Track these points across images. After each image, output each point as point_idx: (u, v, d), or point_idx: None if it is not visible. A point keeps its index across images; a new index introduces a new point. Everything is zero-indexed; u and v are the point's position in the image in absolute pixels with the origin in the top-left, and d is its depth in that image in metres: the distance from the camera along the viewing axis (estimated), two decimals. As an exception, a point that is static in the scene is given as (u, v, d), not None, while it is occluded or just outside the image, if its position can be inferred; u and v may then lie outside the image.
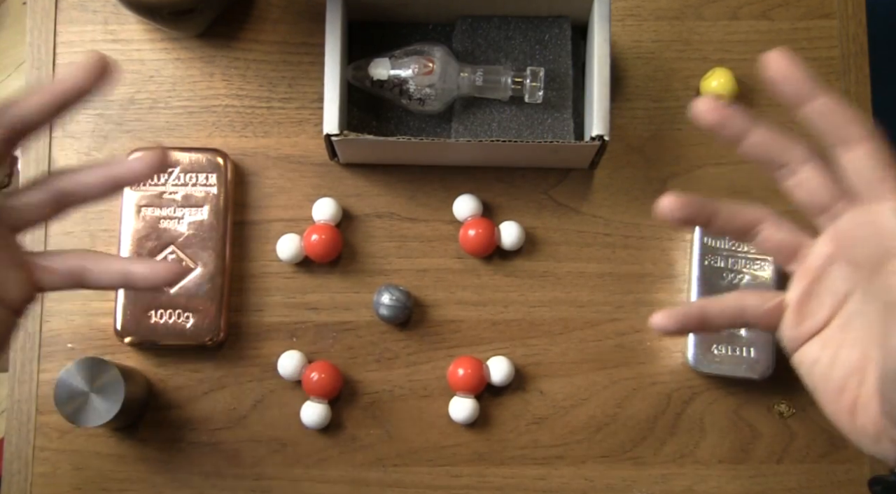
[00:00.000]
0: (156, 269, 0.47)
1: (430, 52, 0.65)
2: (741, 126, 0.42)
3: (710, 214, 0.44)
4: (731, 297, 0.46)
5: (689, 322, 0.46)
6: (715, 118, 0.42)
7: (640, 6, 0.72)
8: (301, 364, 0.66)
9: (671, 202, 0.43)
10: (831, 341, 0.44)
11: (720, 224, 0.45)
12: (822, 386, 0.44)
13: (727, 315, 0.46)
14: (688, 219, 0.44)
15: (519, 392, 0.67)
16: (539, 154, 0.66)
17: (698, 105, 0.42)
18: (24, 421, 0.66)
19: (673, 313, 0.46)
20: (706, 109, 0.42)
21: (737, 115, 0.42)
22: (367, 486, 0.66)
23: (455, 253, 0.69)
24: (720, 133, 0.43)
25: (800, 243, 0.45)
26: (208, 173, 0.67)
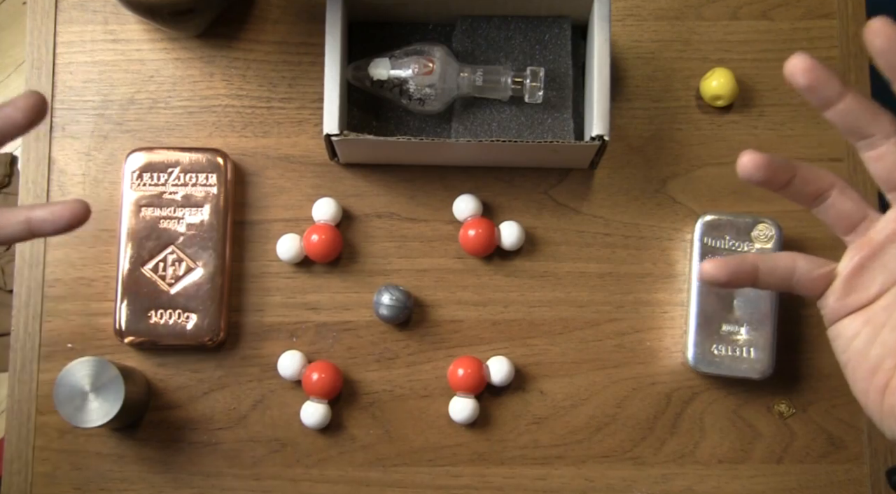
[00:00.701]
0: (56, 211, 0.46)
1: (430, 52, 0.65)
2: (833, 91, 0.41)
3: (789, 176, 0.43)
4: (784, 257, 0.45)
5: (740, 275, 0.45)
6: (808, 80, 0.41)
7: (640, 6, 0.72)
8: (301, 364, 0.66)
9: (752, 160, 0.42)
10: (875, 319, 0.43)
11: (796, 186, 0.44)
12: (855, 363, 0.44)
13: (777, 274, 0.45)
14: (767, 179, 0.43)
15: (519, 392, 0.67)
16: (539, 154, 0.66)
17: (792, 63, 0.41)
18: (24, 421, 0.66)
19: (724, 262, 0.45)
20: (801, 69, 0.41)
21: (831, 80, 0.41)
22: (367, 486, 0.66)
23: (455, 253, 0.69)
24: (810, 96, 0.42)
25: (864, 215, 0.44)
26: (208, 173, 0.67)
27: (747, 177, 0.43)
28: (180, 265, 0.66)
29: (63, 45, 0.70)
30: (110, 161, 0.69)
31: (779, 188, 0.44)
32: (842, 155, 0.70)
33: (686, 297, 0.68)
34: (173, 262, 0.66)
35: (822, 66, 0.41)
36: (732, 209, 0.69)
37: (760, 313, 0.65)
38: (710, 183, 0.70)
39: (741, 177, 0.43)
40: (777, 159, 0.43)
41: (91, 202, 0.68)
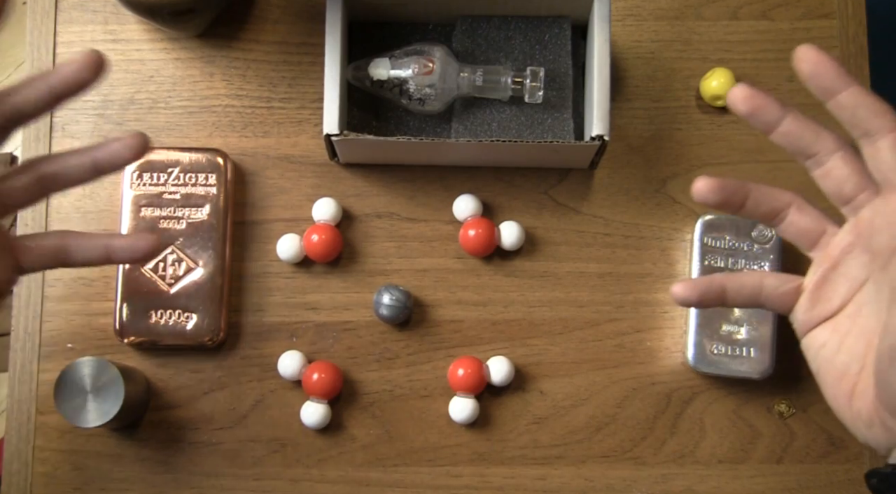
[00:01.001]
0: (136, 243, 0.48)
1: (430, 52, 0.65)
2: (774, 115, 0.44)
3: (743, 198, 0.45)
4: (751, 276, 0.47)
5: (708, 295, 0.47)
6: (749, 107, 0.44)
7: (640, 6, 0.72)
8: (301, 364, 0.66)
9: (706, 185, 0.44)
10: (840, 327, 0.45)
11: (750, 207, 0.45)
12: (824, 370, 0.45)
13: (745, 293, 0.47)
14: (721, 202, 0.45)
15: (519, 392, 0.67)
16: (539, 154, 0.66)
17: (734, 93, 0.44)
18: (24, 421, 0.66)
19: (693, 284, 0.47)
20: (741, 98, 0.43)
21: (770, 104, 0.44)
22: (367, 486, 0.66)
23: (455, 253, 0.69)
24: (753, 121, 0.44)
25: (823, 230, 0.45)
26: (208, 173, 0.67)
27: (702, 200, 0.45)
28: (180, 265, 0.66)
29: (63, 45, 0.70)
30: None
31: (734, 210, 0.46)
32: (842, 155, 0.70)
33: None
34: (173, 262, 0.66)
35: (760, 93, 0.44)
36: (732, 209, 0.69)
37: (760, 313, 0.65)
38: (710, 183, 0.70)
39: (696, 199, 0.45)
40: (730, 182, 0.45)
41: (91, 202, 0.68)
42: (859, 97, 0.42)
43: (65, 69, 0.45)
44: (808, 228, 0.46)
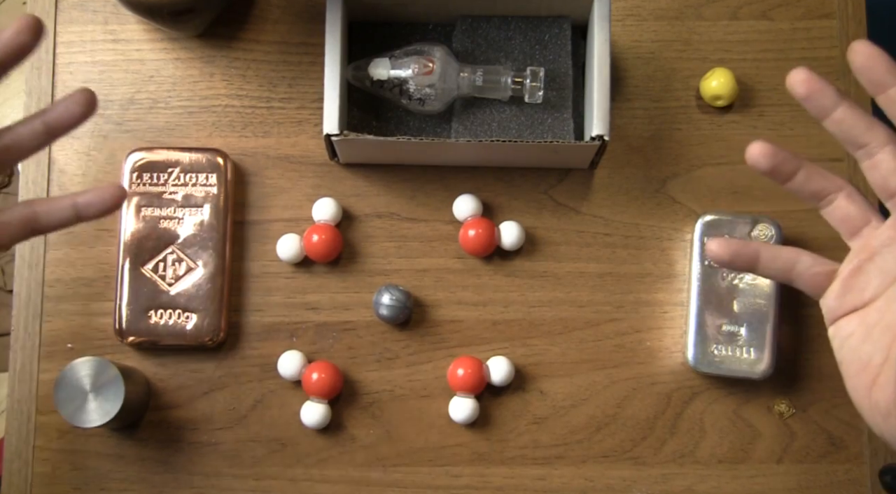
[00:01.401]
0: (102, 195, 0.49)
1: (430, 52, 0.65)
2: (829, 101, 0.44)
3: (794, 169, 0.45)
4: (788, 251, 0.47)
5: (742, 256, 0.47)
6: (806, 89, 0.44)
7: (640, 6, 0.72)
8: (301, 364, 0.66)
9: (760, 149, 0.45)
10: (868, 319, 0.45)
11: (800, 181, 0.46)
12: (848, 360, 0.46)
13: (778, 265, 0.47)
14: (772, 168, 0.45)
15: (519, 392, 0.67)
16: (539, 154, 0.66)
17: (793, 76, 0.44)
18: (24, 421, 0.66)
19: (728, 243, 0.47)
20: (799, 80, 0.43)
21: (827, 90, 0.44)
22: (367, 486, 0.66)
23: (455, 253, 0.69)
24: (808, 105, 0.44)
25: (868, 221, 0.46)
26: (208, 173, 0.67)
27: (753, 163, 0.45)
28: (180, 265, 0.66)
29: (63, 45, 0.70)
30: (110, 161, 0.69)
31: (783, 180, 0.46)
32: (842, 155, 0.70)
33: (686, 297, 0.68)
34: (173, 262, 0.66)
35: (819, 78, 0.44)
36: (732, 209, 0.69)
37: (760, 313, 0.65)
38: (710, 183, 0.70)
39: (749, 162, 0.45)
40: (785, 152, 0.45)
41: (91, 202, 0.68)
42: (853, 113, 0.44)
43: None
44: (854, 216, 0.46)
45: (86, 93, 0.48)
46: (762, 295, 0.65)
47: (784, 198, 0.70)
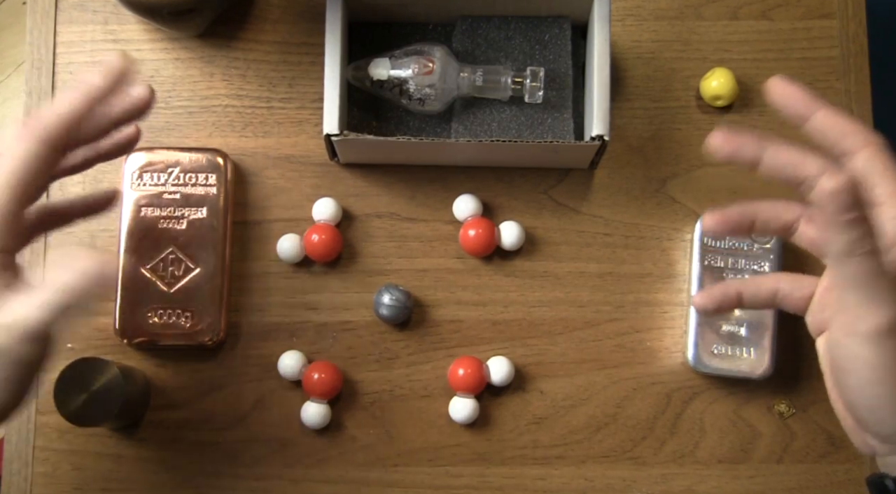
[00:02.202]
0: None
1: (430, 52, 0.65)
2: (754, 151, 0.44)
3: (750, 222, 0.47)
4: (767, 281, 0.49)
5: (727, 302, 0.49)
6: (728, 150, 0.44)
7: (640, 6, 0.72)
8: (301, 364, 0.66)
9: (712, 220, 0.46)
10: None
11: (760, 228, 0.47)
12: (827, 372, 0.47)
13: (761, 298, 0.49)
14: (730, 232, 0.47)
15: (519, 392, 0.67)
16: (539, 154, 0.66)
17: (711, 140, 0.44)
18: (24, 421, 0.66)
19: (712, 294, 0.49)
20: (718, 143, 0.44)
21: (747, 141, 0.44)
22: (367, 486, 0.66)
23: (455, 253, 0.69)
24: (737, 162, 0.45)
25: None
26: (208, 173, 0.67)
27: (713, 235, 0.51)
28: (180, 265, 0.66)
29: (63, 45, 0.70)
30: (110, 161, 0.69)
31: (745, 234, 0.50)
32: (842, 155, 0.70)
33: (686, 297, 0.68)
34: (173, 262, 0.66)
35: (735, 134, 0.45)
36: (732, 209, 0.69)
37: (760, 313, 0.65)
38: (710, 183, 0.70)
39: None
40: (735, 212, 0.47)
41: (91, 202, 0.68)
42: (829, 119, 0.45)
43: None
44: (819, 238, 0.47)
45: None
46: (762, 295, 0.65)
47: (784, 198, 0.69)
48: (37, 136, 0.48)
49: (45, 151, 0.48)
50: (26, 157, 0.47)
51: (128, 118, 0.53)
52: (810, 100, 0.45)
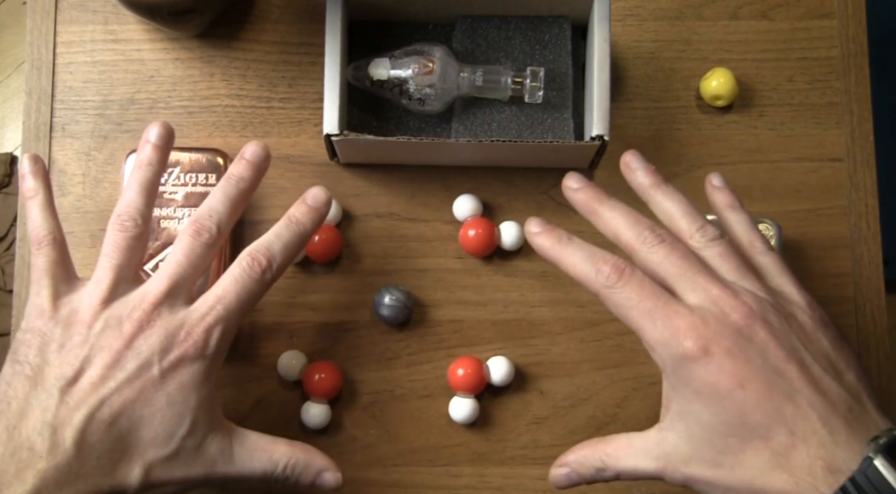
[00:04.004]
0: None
1: (430, 52, 0.65)
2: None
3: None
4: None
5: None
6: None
7: (640, 6, 0.72)
8: (301, 364, 0.66)
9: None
10: None
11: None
12: None
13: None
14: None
15: (519, 392, 0.67)
16: (539, 154, 0.66)
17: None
18: (24, 421, 0.66)
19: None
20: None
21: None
22: (367, 486, 0.66)
23: (455, 253, 0.69)
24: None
25: None
26: (208, 173, 0.67)
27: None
28: (180, 265, 0.66)
29: (63, 45, 0.70)
30: (110, 161, 0.69)
31: None
32: (842, 155, 0.70)
33: (686, 297, 0.68)
34: (173, 262, 0.66)
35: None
36: (732, 209, 0.69)
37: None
38: (710, 183, 0.70)
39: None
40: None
41: (91, 202, 0.68)
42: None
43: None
44: None
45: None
46: (762, 295, 0.65)
47: (784, 198, 0.70)
48: (273, 280, 0.56)
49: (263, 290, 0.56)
50: (260, 294, 0.56)
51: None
52: (556, 246, 0.56)
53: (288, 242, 0.56)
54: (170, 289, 0.53)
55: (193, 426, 0.51)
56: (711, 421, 0.47)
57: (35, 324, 0.52)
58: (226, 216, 0.56)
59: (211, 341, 0.52)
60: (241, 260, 0.55)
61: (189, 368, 0.51)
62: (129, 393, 0.49)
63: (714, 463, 0.47)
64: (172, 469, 0.50)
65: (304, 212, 0.57)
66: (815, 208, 0.70)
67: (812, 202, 0.70)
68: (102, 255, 0.55)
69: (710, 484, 0.48)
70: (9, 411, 0.49)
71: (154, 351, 0.50)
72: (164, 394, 0.50)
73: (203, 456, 0.52)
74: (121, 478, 0.49)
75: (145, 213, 0.56)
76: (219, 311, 0.53)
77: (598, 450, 0.52)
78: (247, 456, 0.54)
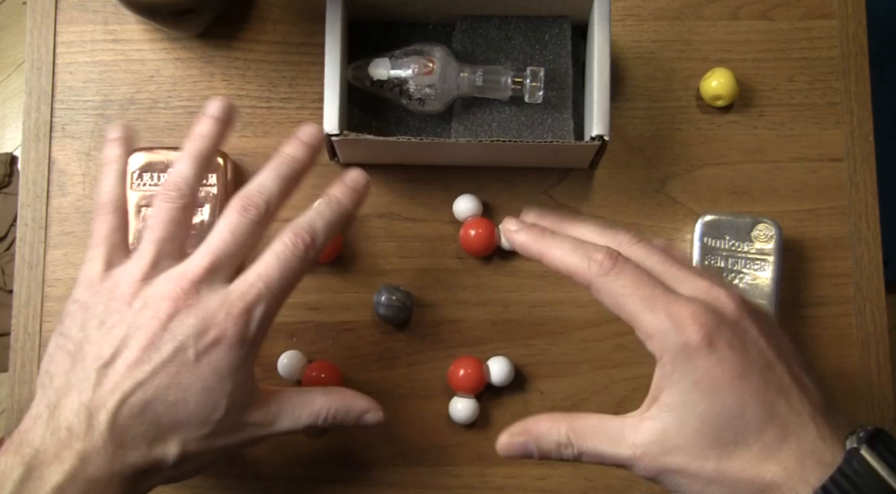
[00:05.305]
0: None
1: (430, 52, 0.65)
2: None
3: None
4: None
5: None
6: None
7: (640, 6, 0.72)
8: (301, 364, 0.66)
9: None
10: None
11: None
12: None
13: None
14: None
15: (519, 392, 0.67)
16: (539, 154, 0.66)
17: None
18: (24, 421, 0.66)
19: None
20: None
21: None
22: (367, 486, 0.66)
23: (455, 253, 0.69)
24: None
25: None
26: (208, 173, 0.67)
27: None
28: (180, 265, 0.66)
29: (63, 45, 0.70)
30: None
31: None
32: (842, 155, 0.70)
33: (686, 297, 0.68)
34: (173, 262, 0.66)
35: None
36: (732, 209, 0.69)
37: (760, 313, 0.65)
38: (710, 183, 0.70)
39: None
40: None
41: (91, 202, 0.68)
42: (558, 257, 0.52)
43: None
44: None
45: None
46: (762, 295, 0.65)
47: (784, 197, 0.70)
48: (314, 258, 0.53)
49: (306, 268, 0.53)
50: (302, 274, 0.53)
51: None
52: (533, 243, 0.52)
53: (330, 221, 0.53)
54: (211, 266, 0.51)
55: (230, 408, 0.50)
56: (707, 413, 0.47)
57: (82, 296, 0.52)
58: (276, 194, 0.53)
59: (251, 322, 0.50)
60: (283, 237, 0.52)
61: (226, 352, 0.49)
62: (164, 378, 0.48)
63: (701, 456, 0.46)
64: (211, 442, 0.50)
65: (345, 192, 0.55)
66: (815, 208, 0.70)
67: (812, 202, 0.70)
68: (146, 228, 0.53)
69: (689, 476, 0.46)
70: (50, 387, 0.50)
71: (189, 334, 0.49)
72: (199, 379, 0.49)
73: (242, 428, 0.52)
74: (158, 454, 0.49)
75: (193, 185, 0.53)
76: (260, 289, 0.50)
77: (565, 424, 0.49)
78: (287, 416, 0.53)
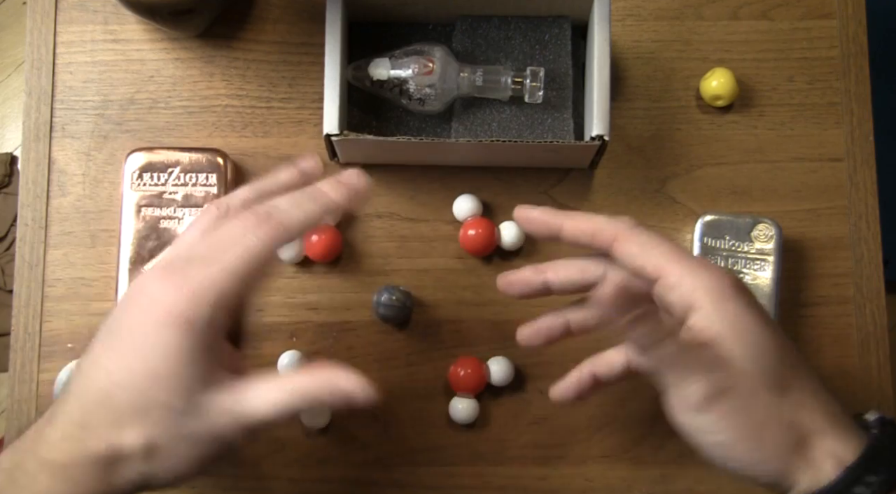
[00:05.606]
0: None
1: (430, 52, 0.65)
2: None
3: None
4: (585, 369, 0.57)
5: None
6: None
7: (640, 6, 0.72)
8: (301, 364, 0.66)
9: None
10: None
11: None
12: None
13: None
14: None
15: (519, 392, 0.67)
16: (539, 154, 0.66)
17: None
18: (24, 421, 0.66)
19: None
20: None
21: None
22: (367, 486, 0.66)
23: (455, 253, 0.69)
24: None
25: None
26: (208, 173, 0.67)
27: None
28: (180, 265, 0.66)
29: (63, 45, 0.70)
30: (110, 161, 0.69)
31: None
32: (842, 155, 0.70)
33: (686, 297, 0.67)
34: (173, 262, 0.66)
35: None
36: (732, 209, 0.69)
37: (760, 313, 0.65)
38: (710, 183, 0.70)
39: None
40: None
41: (91, 202, 0.68)
42: (573, 229, 0.51)
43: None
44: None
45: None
46: (762, 295, 0.65)
47: (784, 197, 0.70)
48: (279, 238, 0.47)
49: (274, 251, 0.48)
50: (262, 255, 0.47)
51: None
52: (552, 217, 0.51)
53: (307, 212, 0.50)
54: (175, 257, 0.49)
55: (184, 390, 0.46)
56: (770, 346, 0.48)
57: None
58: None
59: (200, 303, 0.46)
60: (246, 220, 0.49)
61: (173, 331, 0.46)
62: (115, 360, 0.48)
63: (774, 387, 0.47)
64: (176, 428, 0.47)
65: (334, 186, 0.51)
66: (815, 208, 0.70)
67: (812, 202, 0.70)
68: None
69: (741, 410, 0.47)
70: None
71: (136, 315, 0.48)
72: (144, 360, 0.46)
73: (208, 413, 0.47)
74: (116, 439, 0.47)
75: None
76: (213, 271, 0.46)
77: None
78: (260, 399, 0.47)
